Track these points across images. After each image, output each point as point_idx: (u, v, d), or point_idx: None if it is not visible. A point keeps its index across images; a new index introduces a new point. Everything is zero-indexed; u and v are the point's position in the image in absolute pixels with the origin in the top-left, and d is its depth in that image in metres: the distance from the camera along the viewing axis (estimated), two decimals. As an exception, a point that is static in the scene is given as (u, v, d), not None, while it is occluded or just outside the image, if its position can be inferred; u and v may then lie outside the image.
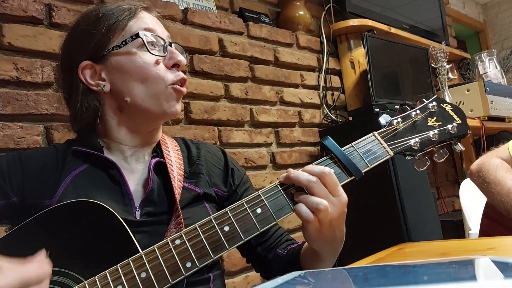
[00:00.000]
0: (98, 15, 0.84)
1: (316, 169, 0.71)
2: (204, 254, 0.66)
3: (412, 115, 0.81)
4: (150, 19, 0.86)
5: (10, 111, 1.18)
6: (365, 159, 0.76)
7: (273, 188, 0.72)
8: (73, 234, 0.69)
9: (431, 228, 1.80)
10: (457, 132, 0.81)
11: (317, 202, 0.69)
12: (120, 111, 0.84)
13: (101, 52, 0.82)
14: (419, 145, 0.78)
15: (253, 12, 1.98)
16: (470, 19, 4.36)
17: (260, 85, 1.87)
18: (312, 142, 2.06)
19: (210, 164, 0.93)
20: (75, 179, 0.79)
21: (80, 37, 0.85)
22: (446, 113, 0.83)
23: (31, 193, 0.78)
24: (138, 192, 0.83)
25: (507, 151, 1.32)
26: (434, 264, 0.53)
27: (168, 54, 0.83)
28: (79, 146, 0.83)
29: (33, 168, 0.80)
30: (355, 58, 2.29)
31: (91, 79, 0.83)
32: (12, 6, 1.21)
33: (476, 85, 2.52)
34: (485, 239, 0.89)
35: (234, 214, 0.69)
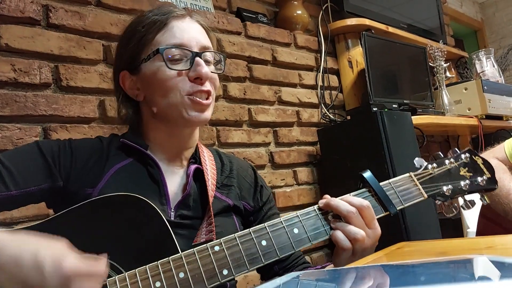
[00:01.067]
0: (134, 26, 0.88)
1: (356, 201, 0.75)
2: (241, 264, 0.68)
3: (446, 163, 0.87)
4: (179, 30, 0.86)
5: (8, 113, 1.18)
6: (401, 197, 0.80)
7: (311, 212, 0.75)
8: (117, 225, 0.71)
9: (429, 227, 1.80)
10: (486, 185, 0.87)
11: (355, 232, 0.72)
12: (153, 117, 0.88)
13: (134, 63, 0.87)
14: (451, 192, 0.84)
15: (251, 12, 1.98)
16: (468, 18, 4.36)
17: (258, 85, 1.87)
18: (311, 141, 2.06)
19: (241, 178, 0.97)
20: (118, 172, 0.83)
21: (122, 47, 0.90)
22: (477, 165, 0.90)
23: (75, 180, 0.81)
24: (175, 194, 0.86)
25: (503, 151, 1.32)
26: (432, 264, 0.53)
27: (194, 66, 0.84)
28: (127, 139, 0.87)
29: (81, 157, 0.83)
30: (353, 57, 2.29)
31: (129, 88, 0.89)
32: (10, 7, 1.21)
33: (473, 84, 2.53)
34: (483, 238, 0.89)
35: (272, 230, 0.71)
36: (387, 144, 1.74)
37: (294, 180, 1.95)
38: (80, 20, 1.35)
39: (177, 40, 0.84)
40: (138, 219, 0.72)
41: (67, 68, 1.31)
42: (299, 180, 1.96)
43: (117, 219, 0.72)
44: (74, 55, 1.33)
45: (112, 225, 0.71)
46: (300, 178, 1.96)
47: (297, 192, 1.93)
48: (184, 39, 0.85)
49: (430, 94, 2.45)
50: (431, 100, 2.45)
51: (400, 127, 1.83)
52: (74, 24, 1.34)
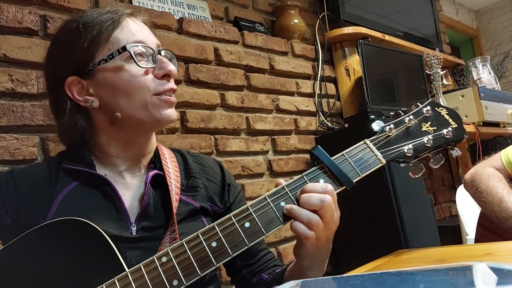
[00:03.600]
0: (79, 26, 0.79)
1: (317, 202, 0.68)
2: (191, 271, 0.64)
3: (405, 121, 0.79)
4: (136, 27, 0.81)
5: (6, 123, 1.17)
6: (357, 168, 0.74)
7: (262, 200, 0.70)
8: (59, 252, 0.67)
9: (428, 234, 1.80)
10: (453, 136, 0.78)
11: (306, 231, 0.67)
12: (111, 125, 0.81)
13: (87, 67, 0.78)
14: (413, 152, 0.76)
15: (248, 21, 1.99)
16: (464, 25, 4.40)
17: (256, 93, 1.88)
18: (309, 149, 2.06)
19: (206, 179, 0.91)
20: (67, 196, 0.77)
21: (63, 52, 0.80)
22: (441, 117, 0.81)
23: (25, 212, 0.75)
24: (134, 207, 0.80)
25: (499, 160, 1.33)
26: (431, 271, 0.53)
27: (158, 64, 0.80)
28: (68, 163, 0.80)
29: (26, 187, 0.77)
30: (350, 65, 2.31)
31: (78, 95, 0.80)
32: (8, 17, 1.21)
33: (470, 91, 2.54)
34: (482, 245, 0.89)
35: (222, 228, 0.67)
36: (385, 151, 1.74)
37: (293, 188, 1.94)
38: (78, 30, 1.35)
39: (136, 37, 0.79)
40: (81, 243, 0.68)
41: (65, 78, 1.31)
42: (298, 188, 1.95)
43: (60, 246, 0.68)
44: (71, 65, 1.33)
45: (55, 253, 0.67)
46: (298, 186, 1.96)
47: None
48: (142, 36, 0.80)
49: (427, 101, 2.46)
50: (428, 107, 2.45)
51: (397, 134, 1.83)
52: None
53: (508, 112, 2.72)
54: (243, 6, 2.06)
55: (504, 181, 1.26)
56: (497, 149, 1.42)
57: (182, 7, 1.77)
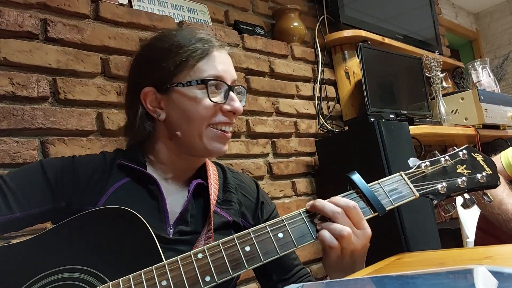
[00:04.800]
0: (172, 45, 0.85)
1: (342, 201, 0.73)
2: (224, 270, 0.67)
3: (441, 161, 0.82)
4: (221, 61, 0.86)
5: (6, 126, 1.18)
6: (390, 197, 0.77)
7: (296, 215, 0.74)
8: (105, 237, 0.72)
9: (429, 237, 1.80)
10: (487, 182, 0.81)
11: (341, 229, 0.71)
12: (169, 139, 0.87)
13: (165, 83, 0.84)
14: (446, 190, 0.79)
15: (248, 24, 2.00)
16: (463, 28, 4.41)
17: (256, 96, 1.88)
18: (309, 152, 2.06)
19: (242, 195, 0.96)
20: (117, 191, 0.83)
21: (150, 64, 0.87)
22: (476, 162, 0.84)
23: (78, 199, 0.81)
24: (174, 211, 0.85)
25: (499, 162, 1.33)
26: (432, 275, 0.53)
27: (228, 100, 0.85)
28: (124, 159, 0.87)
29: (84, 176, 0.83)
30: (350, 68, 2.31)
31: (150, 105, 0.86)
32: (8, 21, 1.22)
33: (470, 94, 2.54)
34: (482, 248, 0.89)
35: (256, 235, 0.71)
36: (385, 154, 1.74)
37: (293, 191, 1.94)
38: (78, 33, 1.36)
39: (217, 72, 0.84)
40: (127, 232, 0.73)
41: (65, 81, 1.31)
42: (298, 191, 1.96)
43: (105, 231, 0.72)
44: (72, 68, 1.33)
45: (98, 237, 0.72)
46: (298, 189, 1.96)
47: (296, 203, 1.93)
48: (222, 71, 0.85)
49: (427, 104, 2.47)
50: (428, 110, 2.46)
51: (397, 137, 1.84)
52: (72, 37, 1.34)
53: (507, 114, 2.72)
54: (243, 10, 2.06)
55: (504, 183, 1.26)
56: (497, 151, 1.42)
57: (182, 11, 1.77)
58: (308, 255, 1.86)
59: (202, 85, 0.83)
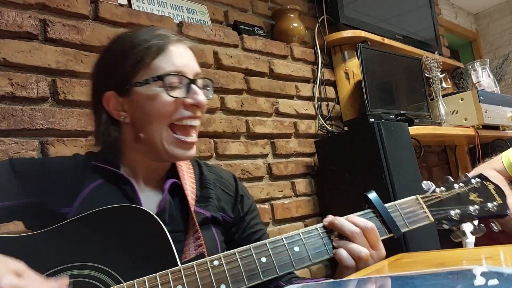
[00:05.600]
0: (128, 46, 0.84)
1: (360, 221, 0.74)
2: (239, 279, 0.67)
3: (455, 187, 0.85)
4: (178, 56, 0.84)
5: (5, 127, 1.17)
6: (406, 220, 0.78)
7: (313, 230, 0.74)
8: (117, 235, 0.72)
9: (428, 238, 1.79)
10: (497, 211, 0.84)
11: (360, 250, 0.71)
12: (136, 142, 0.86)
13: (125, 86, 0.83)
14: (459, 217, 0.82)
15: (248, 25, 2.00)
16: (463, 29, 4.41)
17: (255, 97, 1.88)
18: (308, 152, 2.06)
19: (220, 189, 0.95)
20: (92, 192, 0.82)
21: (108, 67, 0.87)
22: (488, 191, 0.87)
23: (51, 199, 0.80)
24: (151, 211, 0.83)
25: (500, 162, 1.33)
26: (432, 275, 0.53)
27: (190, 93, 0.83)
28: (97, 161, 0.86)
29: (55, 175, 0.82)
30: (349, 68, 2.31)
31: (114, 109, 0.86)
32: (8, 22, 1.22)
33: (469, 94, 2.54)
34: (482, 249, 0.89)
35: (273, 248, 0.70)
36: (384, 154, 1.74)
37: (292, 191, 1.94)
38: (77, 34, 1.36)
39: (175, 68, 0.83)
40: (139, 230, 0.72)
41: (64, 82, 1.31)
42: (297, 192, 1.96)
43: (117, 229, 0.72)
44: (71, 69, 1.33)
45: (112, 235, 0.72)
46: (298, 190, 1.96)
47: (295, 204, 1.93)
48: (181, 65, 0.84)
49: (426, 105, 2.47)
50: (428, 110, 2.46)
51: (397, 137, 1.84)
52: (72, 38, 1.34)
53: (507, 115, 2.72)
54: (243, 10, 2.06)
55: (505, 183, 1.26)
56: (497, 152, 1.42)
57: (181, 11, 1.77)
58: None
59: (159, 82, 0.81)
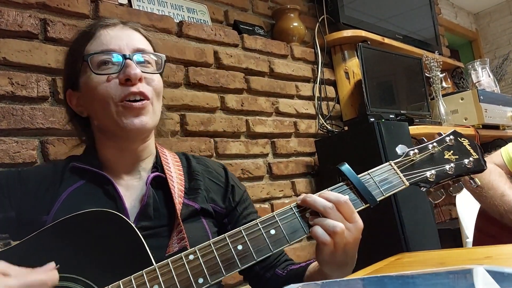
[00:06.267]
0: (71, 43, 0.89)
1: (332, 196, 0.72)
2: (217, 271, 0.66)
3: (429, 147, 0.82)
4: (107, 37, 0.83)
5: (5, 126, 1.17)
6: (381, 187, 0.76)
7: (288, 211, 0.73)
8: (87, 242, 0.70)
9: (428, 237, 1.80)
10: (474, 167, 0.81)
11: (334, 225, 0.70)
12: (99, 132, 0.87)
13: (72, 80, 0.86)
14: (435, 177, 0.79)
15: (248, 24, 2.00)
16: (463, 28, 4.41)
17: (255, 96, 1.88)
18: (308, 152, 2.06)
19: (209, 180, 0.94)
20: (71, 195, 0.81)
21: (64, 68, 0.91)
22: (463, 147, 0.84)
23: (29, 210, 0.79)
24: (135, 207, 0.83)
25: (500, 157, 1.34)
26: (432, 275, 0.53)
27: (123, 68, 0.80)
28: (77, 163, 0.85)
29: (32, 186, 0.81)
30: (350, 68, 2.31)
31: (76, 106, 0.88)
32: (8, 21, 1.21)
33: (470, 94, 2.54)
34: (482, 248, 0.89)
35: (248, 233, 0.69)
36: (384, 154, 1.74)
37: (293, 191, 1.94)
38: (77, 33, 1.36)
39: (104, 47, 0.81)
40: (109, 233, 0.70)
41: (65, 81, 1.31)
42: (298, 191, 1.96)
43: (87, 236, 0.70)
44: (71, 68, 1.33)
45: (82, 242, 0.70)
46: (298, 189, 1.96)
47: (296, 203, 1.93)
48: (111, 44, 0.82)
49: (426, 104, 2.47)
50: (428, 110, 2.46)
51: (397, 137, 1.84)
52: (72, 37, 1.34)
53: (507, 114, 2.72)
54: (243, 10, 2.06)
55: (505, 176, 1.28)
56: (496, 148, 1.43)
57: (182, 11, 1.77)
58: (308, 255, 1.86)
59: (86, 64, 0.81)
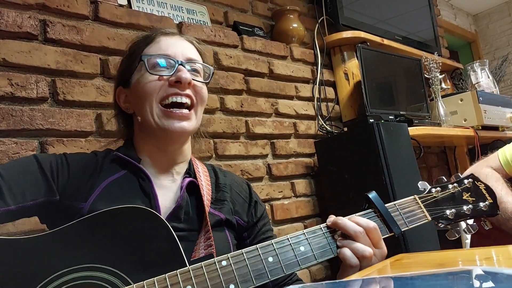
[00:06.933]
0: (129, 44, 0.95)
1: (363, 221, 0.76)
2: (247, 279, 0.68)
3: (449, 187, 0.89)
4: (166, 43, 0.90)
5: (5, 127, 1.17)
6: (405, 219, 0.82)
7: (317, 230, 0.76)
8: (124, 236, 0.72)
9: (428, 238, 1.80)
10: (488, 211, 0.88)
11: (363, 249, 0.73)
12: (140, 130, 0.91)
13: (126, 77, 0.91)
14: (454, 216, 0.85)
15: (247, 26, 2.00)
16: (462, 29, 4.42)
17: (255, 97, 1.88)
18: (308, 153, 2.06)
19: (235, 193, 0.97)
20: (109, 186, 0.83)
21: (119, 67, 0.98)
22: (479, 190, 0.91)
23: (70, 194, 0.81)
24: (167, 208, 0.86)
25: (497, 160, 1.32)
26: (431, 276, 0.53)
27: (175, 72, 0.86)
28: (120, 152, 0.89)
29: (77, 171, 0.84)
30: (349, 69, 2.31)
31: (124, 103, 0.93)
32: (7, 22, 1.22)
33: (469, 95, 2.55)
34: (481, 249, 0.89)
35: (279, 247, 0.72)
36: (384, 155, 1.74)
37: (292, 192, 1.94)
38: (77, 34, 1.36)
39: (161, 51, 0.88)
40: (146, 230, 0.73)
41: (64, 82, 1.31)
42: (297, 192, 1.96)
43: (124, 230, 0.72)
44: (71, 69, 1.33)
45: (119, 236, 0.72)
46: (298, 190, 1.96)
47: (295, 205, 1.93)
48: (169, 50, 0.88)
49: (426, 105, 2.47)
50: (427, 111, 2.46)
51: (396, 138, 1.84)
52: (72, 38, 1.34)
53: (506, 116, 2.72)
54: (242, 11, 2.06)
55: (502, 181, 1.25)
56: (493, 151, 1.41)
57: (181, 12, 1.78)
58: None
59: (142, 63, 0.87)
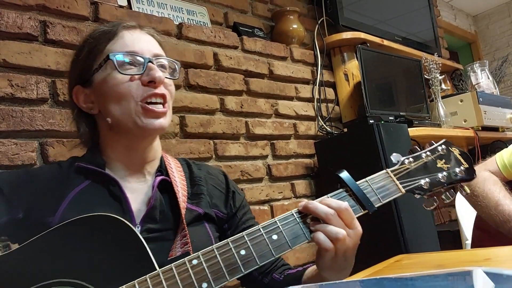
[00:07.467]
0: (84, 40, 0.89)
1: (333, 203, 0.74)
2: (220, 276, 0.66)
3: (422, 156, 0.86)
4: (130, 38, 0.85)
5: (5, 128, 1.17)
6: (378, 194, 0.79)
7: (289, 216, 0.74)
8: (90, 246, 0.70)
9: (428, 239, 1.80)
10: (465, 176, 0.85)
11: (336, 231, 0.71)
12: (109, 130, 0.86)
13: (86, 76, 0.86)
14: (429, 185, 0.82)
15: (247, 26, 2.00)
16: (462, 30, 4.42)
17: (255, 98, 1.88)
18: (308, 154, 2.06)
19: (211, 186, 0.95)
20: (78, 195, 0.81)
21: (72, 64, 0.91)
22: (454, 156, 0.88)
23: (36, 210, 0.78)
24: (140, 210, 0.83)
25: (495, 163, 1.32)
26: (431, 277, 0.53)
27: (146, 71, 0.82)
28: (82, 162, 0.85)
29: (40, 186, 0.81)
30: (349, 70, 2.31)
31: (83, 103, 0.87)
32: (7, 23, 1.22)
33: (469, 96, 2.55)
34: (481, 250, 0.89)
35: (251, 239, 0.70)
36: (384, 156, 1.74)
37: (292, 192, 1.94)
38: (77, 35, 1.36)
39: (128, 48, 0.84)
40: (112, 238, 0.70)
41: (64, 83, 1.31)
42: (297, 193, 1.96)
43: (90, 240, 0.70)
44: (71, 70, 1.33)
45: (86, 246, 0.69)
46: (298, 191, 1.96)
47: (295, 205, 1.91)
48: (135, 47, 0.84)
49: (426, 106, 2.47)
50: (427, 112, 2.46)
51: (396, 139, 1.84)
52: (72, 39, 1.35)
53: (506, 116, 2.72)
54: (242, 12, 2.06)
55: (500, 184, 1.26)
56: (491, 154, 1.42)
57: (181, 13, 1.78)
58: (307, 257, 1.86)
59: (109, 62, 0.82)
